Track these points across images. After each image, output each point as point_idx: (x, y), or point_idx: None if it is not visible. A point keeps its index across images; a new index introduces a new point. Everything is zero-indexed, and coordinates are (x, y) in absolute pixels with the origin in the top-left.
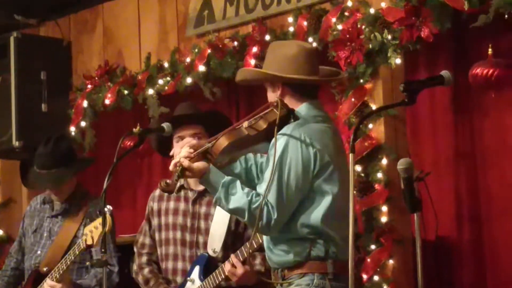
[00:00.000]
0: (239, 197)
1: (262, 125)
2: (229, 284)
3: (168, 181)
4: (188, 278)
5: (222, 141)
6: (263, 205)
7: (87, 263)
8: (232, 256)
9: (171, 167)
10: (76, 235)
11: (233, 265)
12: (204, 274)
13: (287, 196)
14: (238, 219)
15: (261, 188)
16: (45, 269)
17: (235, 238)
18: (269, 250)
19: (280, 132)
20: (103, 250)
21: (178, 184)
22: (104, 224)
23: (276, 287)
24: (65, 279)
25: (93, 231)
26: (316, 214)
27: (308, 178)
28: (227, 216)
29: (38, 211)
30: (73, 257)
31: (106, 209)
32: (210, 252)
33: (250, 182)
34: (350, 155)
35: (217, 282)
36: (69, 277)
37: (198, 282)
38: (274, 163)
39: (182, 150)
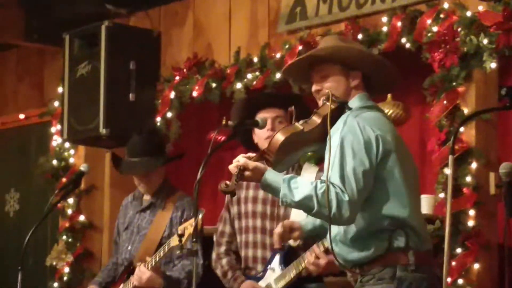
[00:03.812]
0: (303, 187)
1: (316, 120)
2: (310, 273)
3: (228, 182)
4: (269, 267)
5: (278, 138)
6: (330, 189)
7: (178, 252)
8: (315, 246)
9: (231, 168)
10: (165, 230)
11: (316, 256)
12: (284, 263)
13: (354, 179)
14: (307, 213)
15: (323, 176)
16: (138, 264)
17: None
18: (344, 246)
19: (336, 124)
20: (194, 240)
21: None
22: (195, 227)
23: (356, 281)
24: (157, 270)
25: (184, 230)
26: (404, 204)
27: (373, 163)
28: None
29: (128, 209)
30: (162, 253)
31: (199, 212)
32: (291, 241)
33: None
34: (450, 157)
35: (298, 271)
36: (161, 270)
37: (278, 271)
38: (330, 146)
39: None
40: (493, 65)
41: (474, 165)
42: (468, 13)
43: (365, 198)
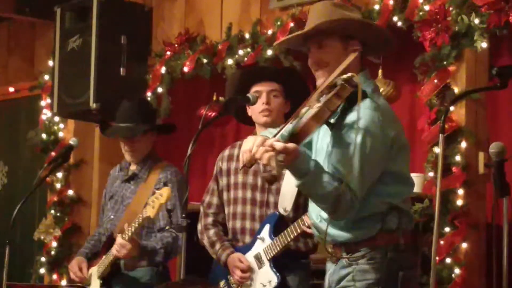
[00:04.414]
0: (327, 181)
1: (336, 102)
2: (297, 247)
3: (273, 172)
4: (258, 236)
5: (311, 125)
6: (347, 191)
7: (167, 227)
8: (305, 217)
9: (264, 160)
10: (147, 202)
11: (308, 227)
12: (274, 233)
13: (368, 180)
14: (316, 203)
15: (339, 168)
16: (119, 235)
17: (306, 197)
18: (335, 227)
19: (353, 113)
20: (183, 215)
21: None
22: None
23: (342, 261)
24: (133, 241)
25: (154, 201)
26: (404, 193)
27: (387, 161)
28: None
29: (115, 178)
30: (137, 224)
31: (168, 180)
32: (281, 211)
33: None
34: (440, 136)
35: (288, 241)
36: (137, 240)
37: (268, 241)
38: (356, 145)
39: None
40: (484, 44)
41: (463, 144)
42: None
43: None
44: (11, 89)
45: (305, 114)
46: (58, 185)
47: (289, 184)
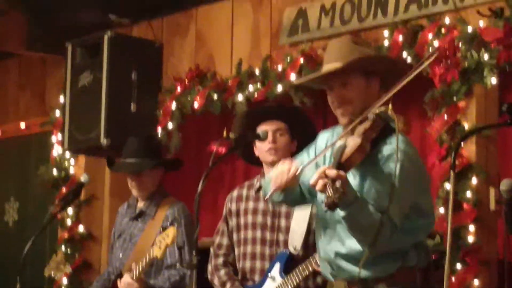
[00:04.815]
0: (371, 213)
1: (372, 134)
2: (306, 285)
3: (330, 198)
4: (269, 275)
5: (356, 156)
6: (388, 223)
7: (177, 265)
8: (317, 255)
9: (319, 187)
10: (154, 242)
11: (318, 265)
12: (285, 271)
13: (404, 208)
14: (356, 236)
15: (379, 202)
16: (127, 274)
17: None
18: (352, 261)
19: (387, 146)
20: (193, 253)
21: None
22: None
23: None
24: (140, 281)
25: (161, 241)
26: (428, 230)
27: (418, 192)
28: (307, 214)
29: (123, 216)
30: (145, 263)
31: (174, 218)
32: (291, 250)
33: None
34: (451, 173)
35: (299, 280)
36: (145, 280)
37: (279, 279)
38: (396, 178)
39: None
40: (494, 80)
41: (474, 181)
42: (469, 29)
43: None
44: (22, 125)
45: (348, 146)
46: (68, 221)
47: (299, 223)
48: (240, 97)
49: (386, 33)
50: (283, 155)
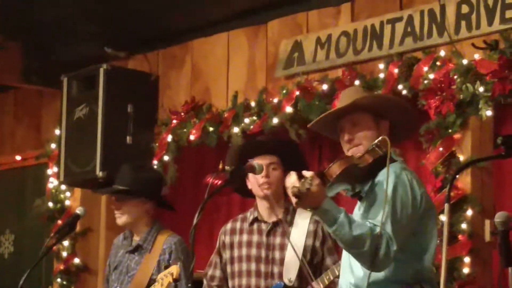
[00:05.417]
0: (361, 225)
1: (368, 159)
2: None
3: (297, 186)
4: None
5: (337, 167)
6: (383, 235)
7: None
8: (314, 284)
9: (293, 180)
10: (153, 273)
11: None
12: None
13: (401, 231)
14: (352, 251)
15: (374, 220)
16: None
17: (310, 268)
18: None
19: (384, 172)
20: (189, 285)
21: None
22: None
23: None
24: None
25: (163, 279)
26: (428, 259)
27: (415, 219)
28: (301, 246)
29: (118, 248)
30: None
31: (172, 250)
32: (286, 281)
33: None
34: (446, 205)
35: None
36: None
37: None
38: (386, 197)
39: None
40: (489, 113)
41: (469, 212)
42: (464, 61)
43: None
44: (18, 158)
45: None
46: (64, 254)
47: (293, 256)
48: (236, 130)
49: (381, 65)
50: (276, 189)
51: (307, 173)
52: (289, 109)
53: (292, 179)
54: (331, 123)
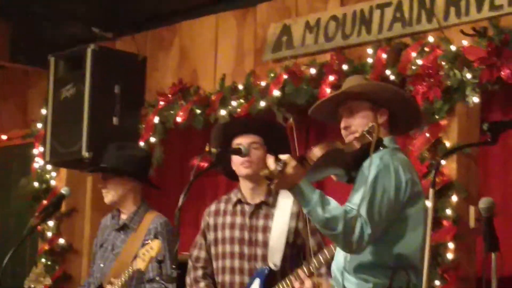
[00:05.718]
0: (334, 207)
1: (356, 145)
2: None
3: (270, 169)
4: None
5: (320, 148)
6: (357, 218)
7: (157, 278)
8: (299, 270)
9: (269, 162)
10: (137, 253)
11: (301, 281)
12: (265, 287)
13: (378, 215)
14: (326, 232)
15: (351, 203)
16: (108, 286)
17: (293, 250)
18: (343, 275)
19: (372, 158)
20: (174, 266)
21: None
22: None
23: None
24: None
25: (145, 254)
26: (413, 244)
27: (399, 204)
28: (285, 228)
29: (106, 227)
30: (127, 276)
31: (158, 232)
32: (271, 266)
33: None
34: (430, 190)
35: None
36: None
37: None
38: (368, 182)
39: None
40: (476, 99)
41: (454, 198)
42: (453, 48)
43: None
44: (4, 137)
45: None
46: (49, 234)
47: (277, 239)
48: (223, 112)
49: (370, 50)
50: (257, 168)
51: (283, 156)
52: (276, 93)
53: (268, 162)
54: (333, 111)
